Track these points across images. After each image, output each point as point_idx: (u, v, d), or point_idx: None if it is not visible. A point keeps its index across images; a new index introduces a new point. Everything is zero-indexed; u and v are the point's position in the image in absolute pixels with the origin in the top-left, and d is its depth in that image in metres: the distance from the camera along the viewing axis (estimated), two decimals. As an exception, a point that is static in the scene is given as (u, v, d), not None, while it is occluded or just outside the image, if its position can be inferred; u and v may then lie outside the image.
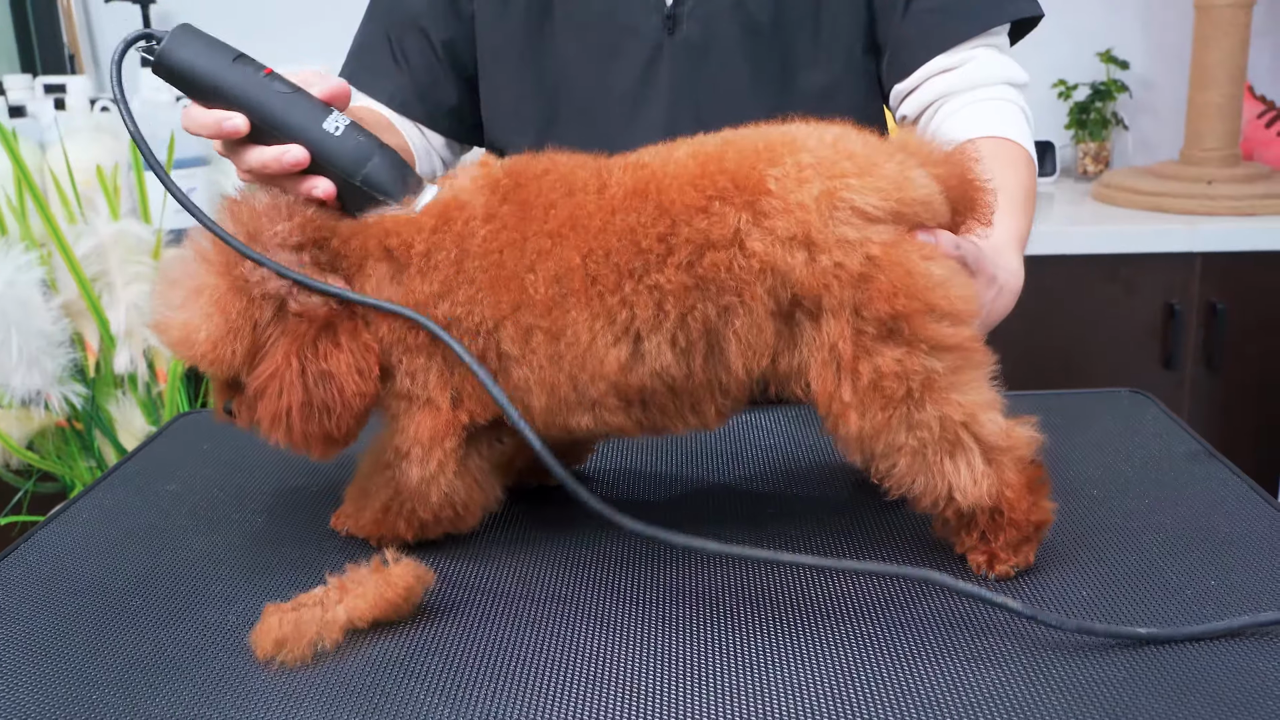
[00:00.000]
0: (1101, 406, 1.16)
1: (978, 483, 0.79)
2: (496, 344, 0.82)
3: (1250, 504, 0.92)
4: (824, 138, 0.80)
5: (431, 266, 0.82)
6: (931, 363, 0.76)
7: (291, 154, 0.83)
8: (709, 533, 0.79)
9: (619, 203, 0.79)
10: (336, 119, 0.85)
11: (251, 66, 0.85)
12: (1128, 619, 0.76)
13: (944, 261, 0.78)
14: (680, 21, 1.16)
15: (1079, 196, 2.40)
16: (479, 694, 0.71)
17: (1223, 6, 2.21)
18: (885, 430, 0.78)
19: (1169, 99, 2.60)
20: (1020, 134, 1.11)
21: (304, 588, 0.79)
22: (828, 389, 0.78)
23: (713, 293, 0.78)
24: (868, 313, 0.76)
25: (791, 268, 0.76)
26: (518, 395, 0.83)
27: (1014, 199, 1.02)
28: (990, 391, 0.80)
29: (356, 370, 0.81)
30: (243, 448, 1.11)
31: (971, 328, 0.78)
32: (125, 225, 1.93)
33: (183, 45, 0.84)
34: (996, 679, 0.70)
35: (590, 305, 0.79)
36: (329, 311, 0.82)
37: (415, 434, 0.84)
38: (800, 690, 0.70)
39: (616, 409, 0.82)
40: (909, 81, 1.16)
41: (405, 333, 0.83)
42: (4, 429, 1.93)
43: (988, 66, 1.14)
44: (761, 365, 0.79)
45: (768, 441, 1.10)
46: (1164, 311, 2.15)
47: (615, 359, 0.79)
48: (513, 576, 0.85)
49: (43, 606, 0.83)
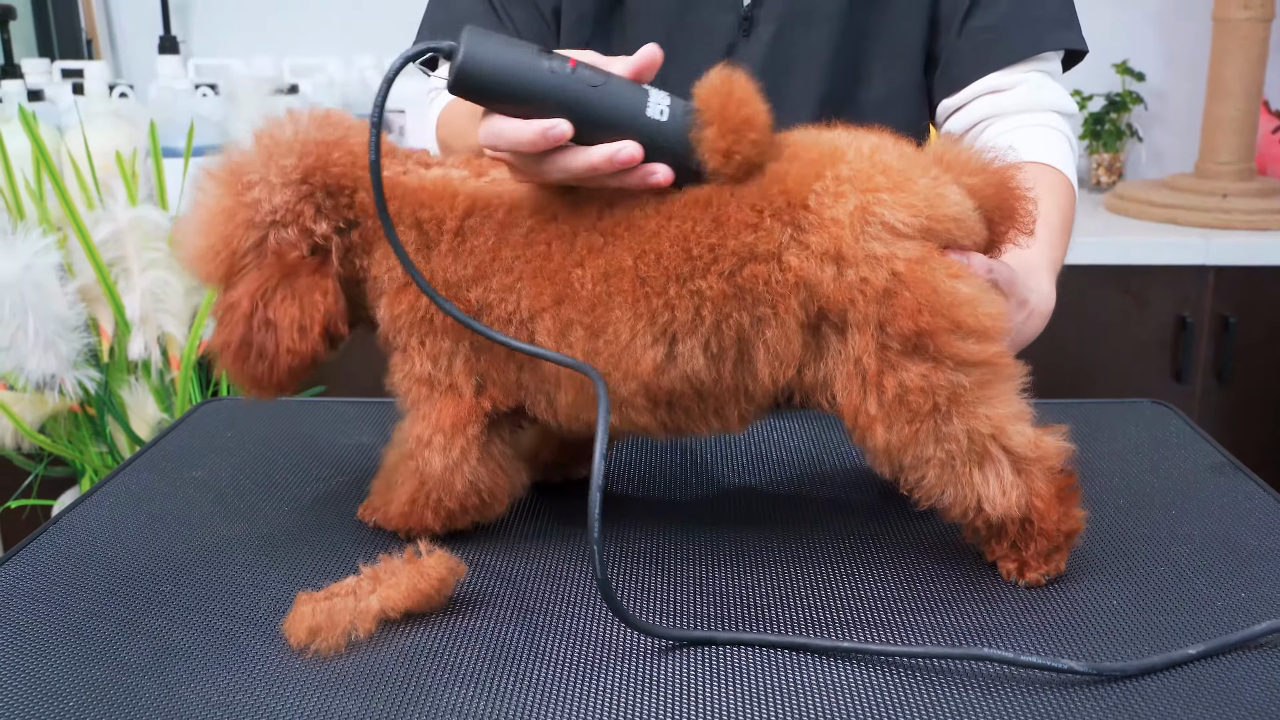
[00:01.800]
0: (1124, 417, 1.16)
1: (1006, 494, 0.79)
2: (530, 335, 0.82)
3: (1277, 517, 0.92)
4: (862, 148, 0.80)
5: (466, 250, 0.82)
6: (958, 378, 0.77)
7: (625, 151, 0.76)
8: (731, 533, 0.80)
9: (677, 209, 0.79)
10: (656, 100, 0.77)
11: (558, 61, 0.76)
12: (1162, 630, 0.76)
13: (972, 279, 0.78)
14: (757, 24, 1.15)
15: (1092, 207, 2.41)
16: (511, 686, 0.71)
17: (1240, 20, 2.22)
18: (912, 443, 0.78)
19: (1184, 112, 2.61)
20: (1064, 163, 1.11)
21: (333, 577, 0.80)
22: (854, 402, 0.79)
23: (749, 303, 0.78)
24: (892, 328, 0.76)
25: (820, 281, 0.77)
26: (545, 388, 0.83)
27: (1051, 226, 1.03)
28: (1019, 403, 0.80)
29: (299, 326, 0.82)
30: (267, 436, 1.12)
31: (1000, 344, 0.78)
32: (142, 211, 1.93)
33: (484, 52, 0.75)
34: (1024, 704, 0.70)
35: (635, 306, 0.79)
36: (298, 259, 0.82)
37: (437, 421, 0.85)
38: (827, 691, 0.70)
39: (643, 409, 0.83)
40: (958, 97, 1.17)
41: (432, 312, 0.83)
42: (17, 412, 1.93)
43: (1038, 92, 1.14)
44: (788, 375, 0.80)
45: (793, 444, 1.10)
46: (1176, 324, 2.15)
47: (651, 359, 0.80)
48: (543, 570, 0.85)
49: (75, 589, 0.83)
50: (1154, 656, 0.72)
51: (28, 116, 1.91)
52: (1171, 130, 2.63)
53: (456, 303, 0.82)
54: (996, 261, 0.83)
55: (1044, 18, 1.15)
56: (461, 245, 0.83)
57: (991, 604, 0.80)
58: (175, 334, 1.97)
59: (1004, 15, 1.14)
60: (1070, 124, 1.16)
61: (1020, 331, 0.92)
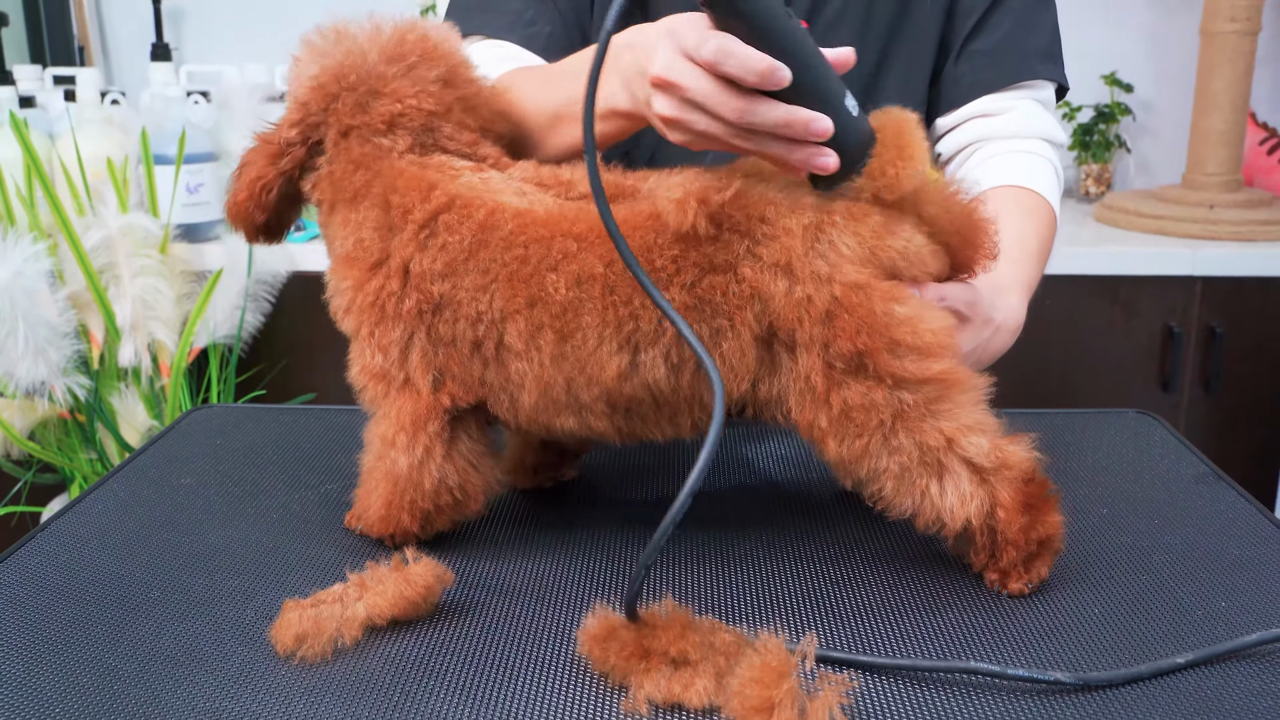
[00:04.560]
0: (1108, 426, 1.17)
1: (965, 504, 0.80)
2: (500, 335, 0.83)
3: (1258, 527, 0.93)
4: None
5: (437, 245, 0.84)
6: (902, 395, 0.79)
7: (822, 123, 0.76)
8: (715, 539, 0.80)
9: (642, 220, 0.81)
10: (850, 99, 0.79)
11: (796, 21, 0.77)
12: (1142, 639, 0.77)
13: (910, 300, 0.80)
14: None
15: (1081, 217, 2.42)
16: (497, 692, 0.71)
17: (1228, 33, 2.23)
18: (864, 456, 0.80)
19: (1171, 123, 2.62)
20: (1047, 189, 1.13)
21: (320, 585, 0.80)
22: (807, 417, 0.81)
23: (707, 314, 0.80)
24: (834, 349, 0.78)
25: (773, 296, 0.79)
26: (509, 389, 0.85)
27: (1027, 247, 1.04)
28: (978, 414, 0.81)
29: (246, 181, 0.91)
30: (256, 444, 1.12)
31: (946, 360, 0.80)
32: (134, 218, 1.94)
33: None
34: (1010, 709, 0.71)
35: (604, 314, 0.81)
36: (280, 146, 0.89)
37: (398, 419, 0.86)
38: (818, 699, 0.70)
39: (602, 414, 0.84)
40: (952, 118, 1.19)
41: (383, 299, 0.85)
42: (7, 419, 1.93)
43: (1028, 119, 1.16)
44: (742, 388, 0.82)
45: (780, 452, 1.10)
46: (1163, 334, 2.16)
47: (615, 367, 0.81)
48: (530, 576, 0.86)
49: (61, 596, 0.83)
50: (1140, 666, 0.73)
51: (19, 123, 1.91)
52: (1159, 141, 2.65)
53: (417, 294, 0.84)
54: (951, 286, 0.85)
55: (1037, 48, 1.18)
56: (431, 239, 0.84)
57: (974, 612, 0.80)
58: (166, 341, 1.97)
59: (1000, 41, 1.16)
60: (1058, 153, 1.19)
61: (986, 347, 0.93)
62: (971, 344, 0.90)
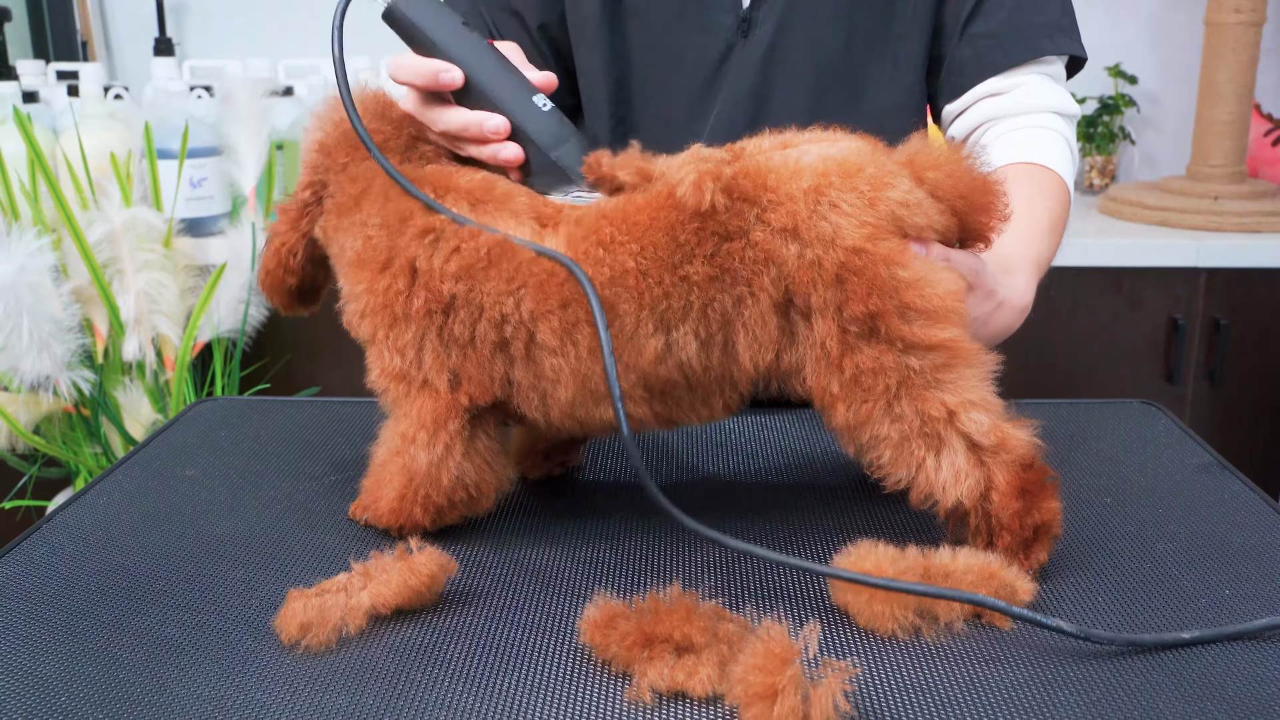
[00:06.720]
0: (1113, 416, 1.17)
1: (960, 481, 0.80)
2: (530, 334, 0.83)
3: (1263, 516, 0.93)
4: (814, 146, 0.83)
5: (451, 249, 0.84)
6: (909, 360, 0.79)
7: (494, 121, 0.86)
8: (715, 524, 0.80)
9: (662, 200, 0.81)
10: (543, 99, 0.89)
11: (477, 34, 0.88)
12: (1146, 625, 0.77)
13: (919, 261, 0.80)
14: (756, 25, 1.15)
15: (1085, 209, 2.42)
16: (501, 680, 0.71)
17: (1233, 24, 2.23)
18: (869, 421, 0.81)
19: (1176, 115, 2.62)
20: (1059, 163, 1.11)
21: (325, 575, 0.80)
22: (820, 383, 0.81)
23: (728, 283, 0.80)
24: (848, 312, 0.79)
25: (786, 259, 0.80)
26: (543, 385, 0.84)
27: (1038, 223, 1.03)
28: (982, 391, 0.81)
29: (272, 249, 0.96)
30: (261, 436, 1.12)
31: (955, 328, 0.80)
32: (137, 212, 1.94)
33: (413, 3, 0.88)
34: (1012, 682, 0.71)
35: (640, 297, 0.81)
36: (298, 209, 0.94)
37: (419, 418, 0.86)
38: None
39: (641, 400, 0.84)
40: (960, 103, 1.17)
41: (392, 299, 0.85)
42: (11, 413, 1.93)
43: (1038, 94, 1.15)
44: (766, 359, 0.82)
45: (779, 441, 1.10)
46: (1168, 326, 2.16)
47: (653, 349, 0.82)
48: (534, 566, 0.86)
49: (67, 587, 0.83)
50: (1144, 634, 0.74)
51: (23, 118, 1.91)
52: (1164, 133, 2.65)
53: (425, 292, 0.84)
54: (957, 252, 0.85)
55: (1044, 23, 1.16)
56: (440, 241, 0.85)
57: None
58: (170, 335, 1.97)
59: (1004, 21, 1.15)
60: (1070, 125, 1.16)
61: (989, 323, 0.92)
62: (973, 314, 0.89)
